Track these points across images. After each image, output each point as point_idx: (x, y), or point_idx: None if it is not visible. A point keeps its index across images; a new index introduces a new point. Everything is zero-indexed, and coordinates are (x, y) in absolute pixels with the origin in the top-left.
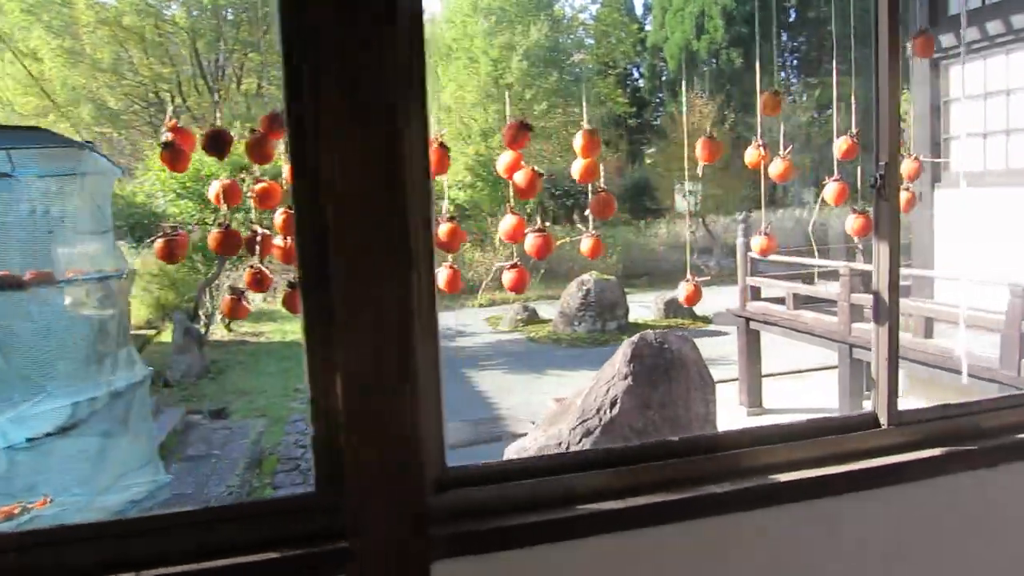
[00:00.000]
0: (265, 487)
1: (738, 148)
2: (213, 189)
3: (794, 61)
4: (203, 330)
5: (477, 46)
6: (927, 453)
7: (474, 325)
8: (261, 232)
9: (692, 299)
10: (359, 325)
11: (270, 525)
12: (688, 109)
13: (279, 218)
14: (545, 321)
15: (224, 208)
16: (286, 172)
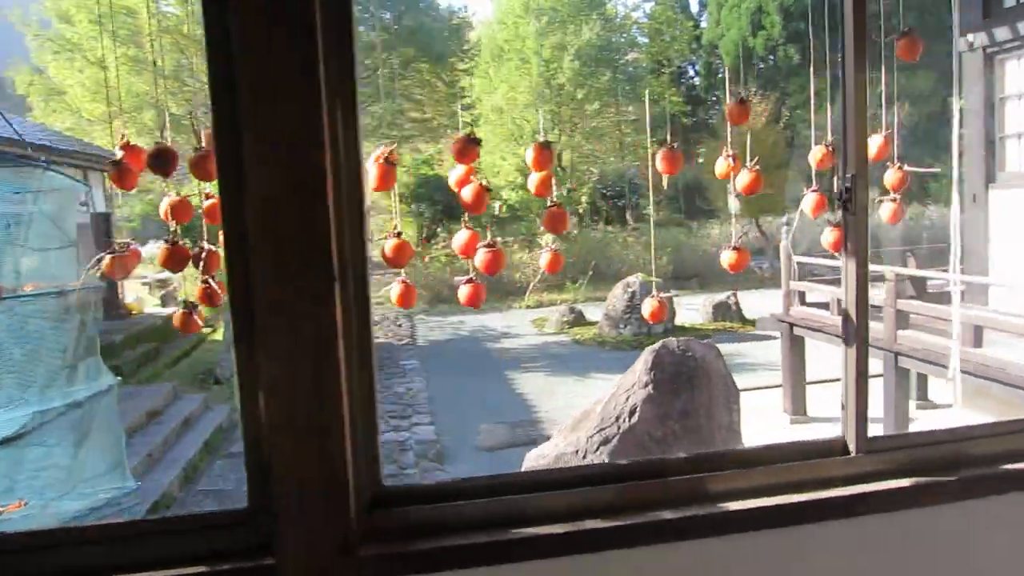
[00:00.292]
0: None
1: (796, 148)
2: (162, 206)
3: None
4: None
5: (529, 47)
6: (899, 483)
7: (520, 327)
8: (207, 248)
9: (657, 315)
10: (277, 340)
11: (201, 539)
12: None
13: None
14: (591, 323)
15: (173, 224)
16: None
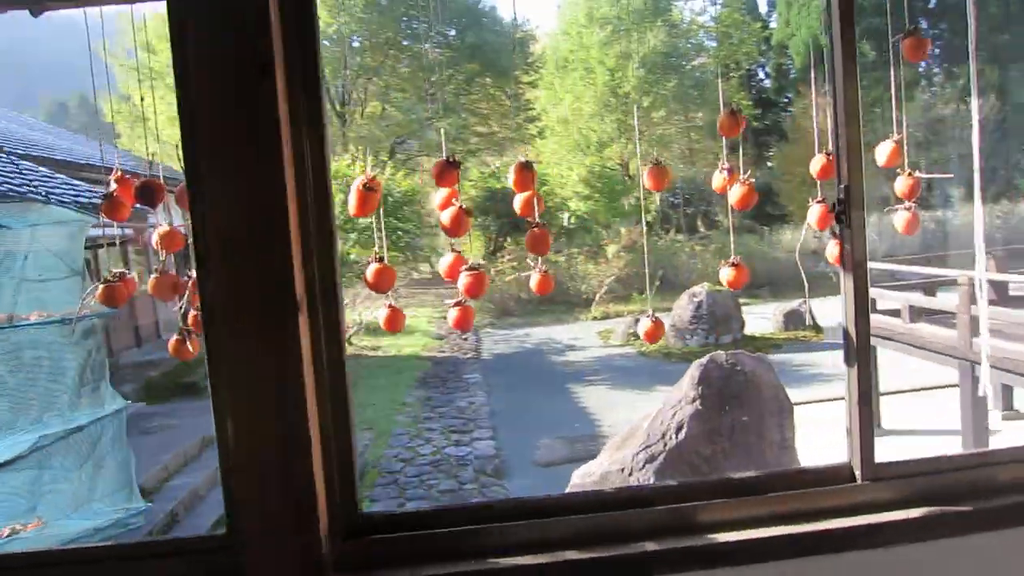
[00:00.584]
0: (363, 500)
1: (872, 147)
2: (153, 237)
3: (935, 50)
4: None
5: (593, 56)
6: (909, 513)
7: (585, 338)
8: (191, 277)
9: (653, 336)
10: (239, 369)
11: (181, 563)
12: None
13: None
14: None
15: (163, 254)
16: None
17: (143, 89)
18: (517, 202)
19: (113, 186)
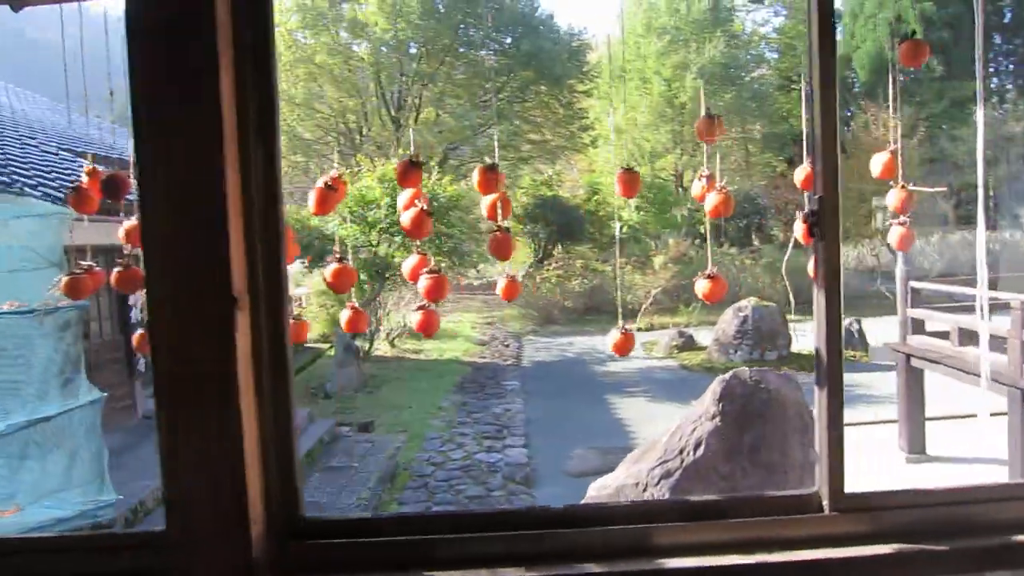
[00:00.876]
0: (391, 502)
1: (933, 162)
2: (120, 231)
3: (1009, 66)
4: (367, 346)
5: (650, 66)
6: (876, 549)
7: None
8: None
9: (622, 348)
10: (178, 364)
11: (117, 559)
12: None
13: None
14: (701, 348)
15: (128, 248)
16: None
17: None
18: (483, 205)
19: (84, 179)
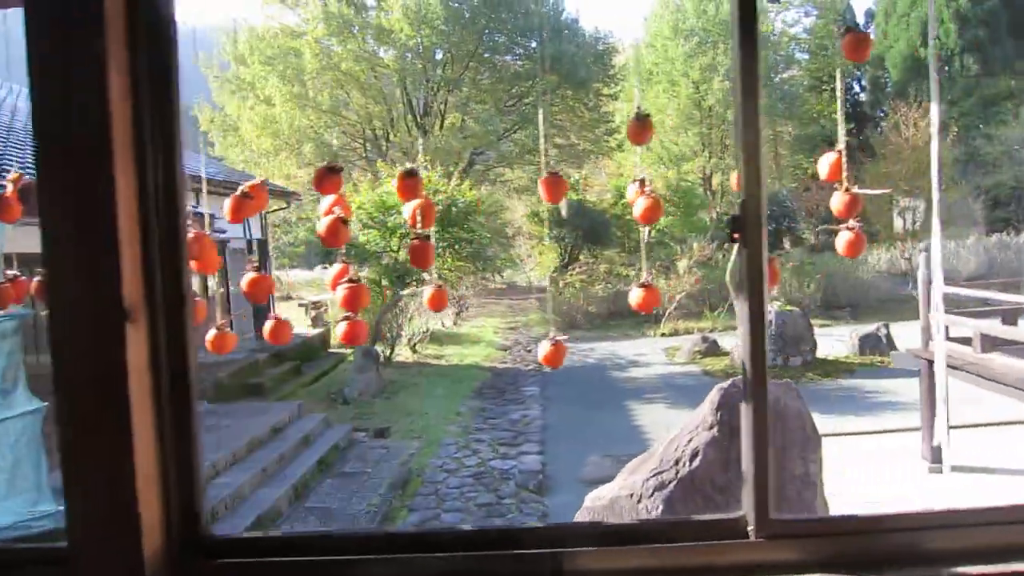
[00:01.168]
0: (402, 509)
1: (965, 163)
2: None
3: None
4: (388, 351)
5: (677, 69)
6: None
7: (650, 355)
8: None
9: (553, 359)
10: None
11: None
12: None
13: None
14: (725, 353)
15: None
16: None
17: (237, 100)
18: (405, 211)
19: (8, 187)
